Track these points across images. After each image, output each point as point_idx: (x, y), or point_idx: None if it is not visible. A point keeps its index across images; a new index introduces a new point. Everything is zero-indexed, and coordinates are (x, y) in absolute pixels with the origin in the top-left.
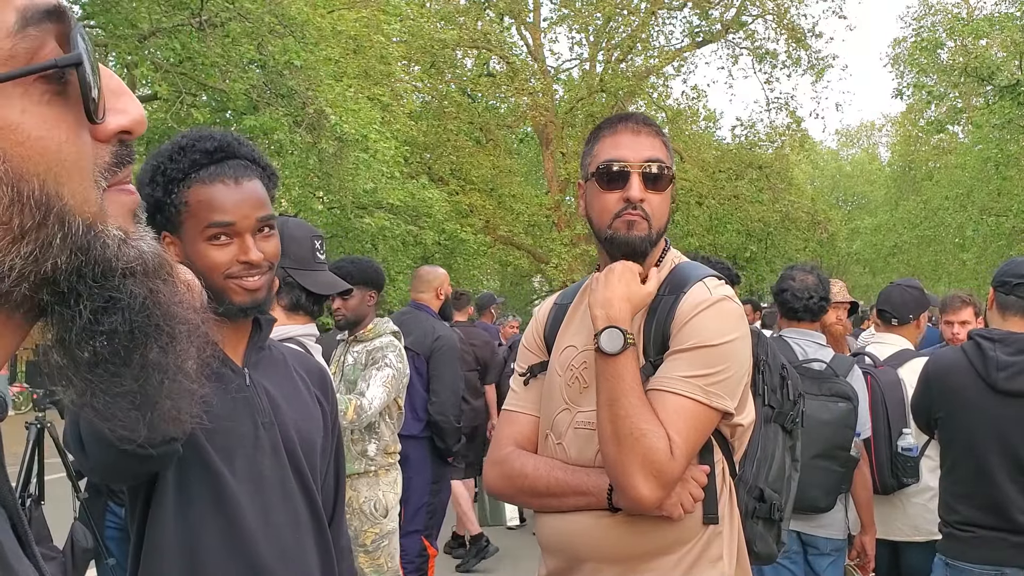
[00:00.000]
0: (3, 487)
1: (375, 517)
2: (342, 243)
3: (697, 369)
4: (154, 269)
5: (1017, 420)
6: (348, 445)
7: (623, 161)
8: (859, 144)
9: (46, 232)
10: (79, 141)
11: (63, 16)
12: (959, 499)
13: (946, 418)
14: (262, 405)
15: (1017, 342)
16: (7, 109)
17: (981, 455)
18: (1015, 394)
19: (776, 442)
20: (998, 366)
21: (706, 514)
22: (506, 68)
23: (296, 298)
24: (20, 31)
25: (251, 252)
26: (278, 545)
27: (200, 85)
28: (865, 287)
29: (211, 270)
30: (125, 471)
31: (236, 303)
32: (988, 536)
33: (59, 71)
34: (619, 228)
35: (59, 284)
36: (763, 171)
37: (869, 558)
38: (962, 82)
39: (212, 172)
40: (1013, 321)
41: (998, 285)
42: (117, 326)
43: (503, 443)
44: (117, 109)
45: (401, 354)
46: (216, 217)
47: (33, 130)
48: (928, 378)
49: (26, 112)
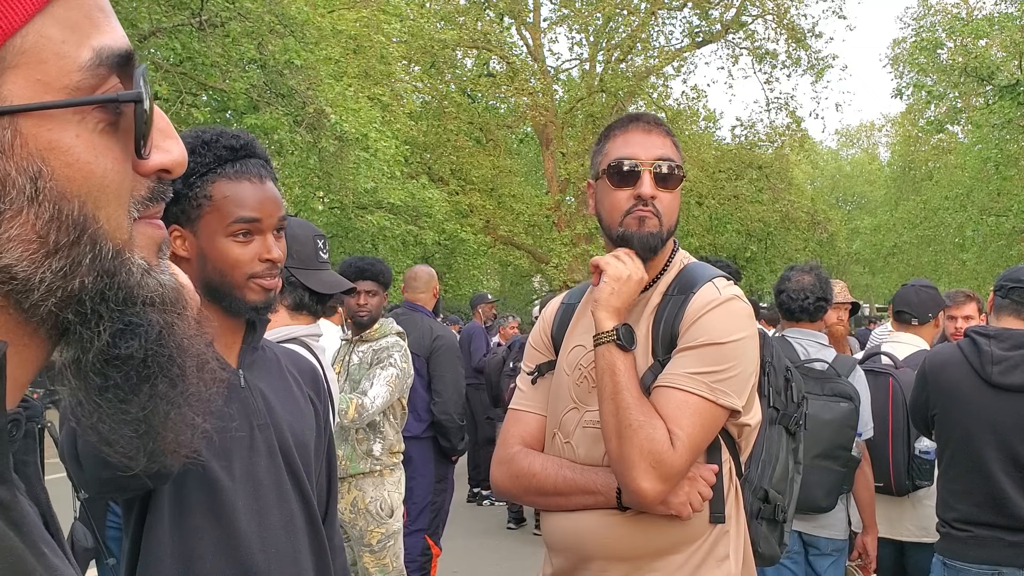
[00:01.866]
0: (37, 485)
1: (381, 517)
2: (342, 243)
3: (704, 366)
4: (172, 303)
5: (1012, 414)
6: (354, 445)
7: (634, 159)
8: (859, 144)
9: (78, 251)
10: (123, 171)
11: (131, 59)
12: (957, 496)
13: (942, 415)
14: (257, 406)
15: (1012, 337)
16: (62, 132)
17: (977, 451)
18: (1010, 388)
19: (780, 444)
20: (993, 360)
21: (713, 513)
22: (506, 68)
23: (299, 298)
24: (91, 67)
25: (274, 250)
26: (273, 547)
27: (200, 85)
28: (865, 287)
29: (233, 267)
30: (121, 487)
31: (250, 302)
32: (985, 536)
33: (116, 105)
34: (630, 225)
35: (83, 304)
36: (763, 171)
37: (871, 559)
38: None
39: (238, 169)
40: (1007, 320)
41: (996, 288)
42: (133, 352)
43: (510, 442)
44: (162, 148)
45: (406, 354)
46: (243, 213)
47: (83, 154)
48: (924, 375)
49: (79, 137)
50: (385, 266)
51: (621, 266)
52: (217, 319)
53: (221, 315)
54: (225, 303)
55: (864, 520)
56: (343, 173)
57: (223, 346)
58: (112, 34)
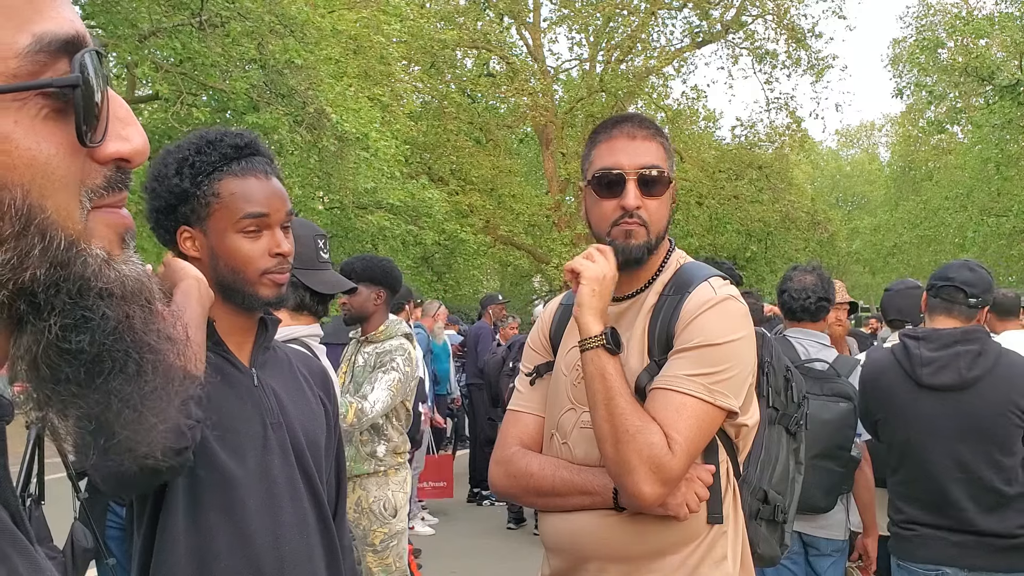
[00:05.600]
0: (5, 488)
1: (384, 517)
2: (342, 243)
3: (701, 368)
4: (132, 294)
5: (948, 415)
6: (357, 446)
7: (618, 168)
8: (859, 144)
9: (25, 242)
10: (70, 158)
11: (77, 44)
12: (904, 499)
13: (884, 419)
14: (270, 405)
15: (940, 338)
16: (0, 120)
17: (920, 454)
18: (940, 388)
19: (780, 444)
20: (922, 362)
21: (710, 514)
22: (506, 68)
23: (300, 298)
24: (30, 53)
25: (283, 244)
26: (287, 546)
27: (200, 85)
28: (865, 287)
29: (246, 263)
30: (137, 483)
31: (263, 297)
32: (929, 535)
33: (61, 91)
34: (617, 237)
35: (36, 296)
36: (763, 171)
37: (871, 560)
38: (962, 82)
39: (244, 166)
40: (939, 320)
41: (928, 288)
42: (84, 346)
43: (508, 442)
44: (121, 136)
45: (410, 357)
46: (252, 208)
47: (22, 140)
48: (863, 381)
49: (18, 124)
50: (380, 265)
51: (596, 267)
52: (230, 318)
53: (234, 314)
54: (238, 300)
55: (864, 521)
56: (343, 173)
57: (235, 345)
58: (57, 19)
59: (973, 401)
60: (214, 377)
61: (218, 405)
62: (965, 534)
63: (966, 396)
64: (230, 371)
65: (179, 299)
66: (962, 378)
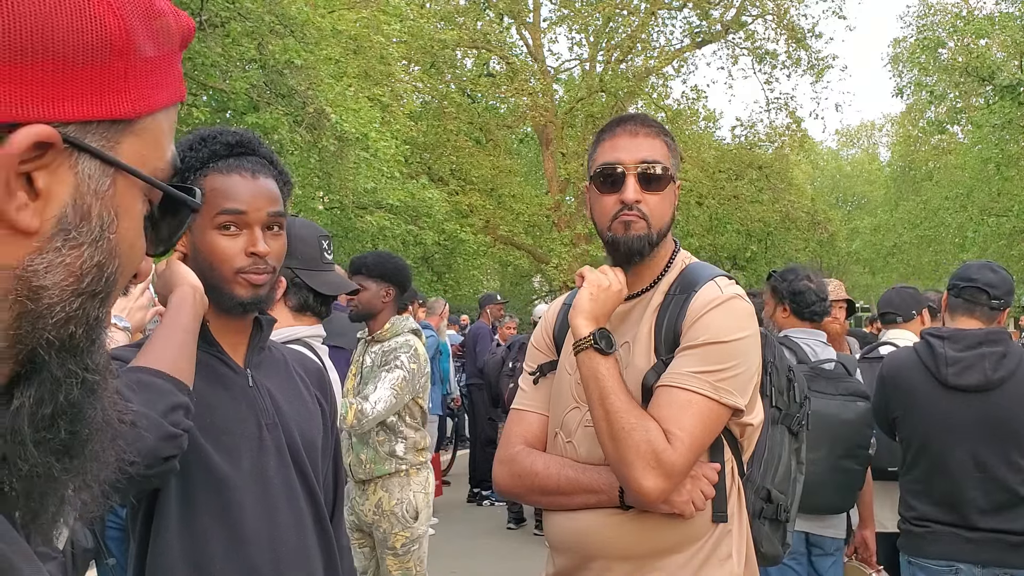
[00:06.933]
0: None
1: (406, 520)
2: (342, 243)
3: (707, 365)
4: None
5: (970, 415)
6: (376, 447)
7: (618, 164)
8: (859, 144)
9: (92, 305)
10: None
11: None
12: (917, 495)
13: (903, 417)
14: (265, 406)
15: (965, 338)
16: (135, 202)
17: (937, 452)
18: (964, 389)
19: (783, 444)
20: (947, 362)
21: (716, 512)
22: (506, 68)
23: (303, 299)
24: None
25: (259, 244)
26: (284, 547)
27: (200, 85)
28: (865, 287)
29: (222, 262)
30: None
31: (238, 296)
32: (942, 531)
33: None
34: (617, 230)
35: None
36: (763, 171)
37: (871, 552)
38: (962, 82)
39: (231, 164)
40: (961, 320)
41: (949, 288)
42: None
43: (512, 441)
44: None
45: (416, 354)
46: (228, 204)
47: (136, 226)
48: (883, 379)
49: (140, 215)
50: (391, 262)
51: (602, 277)
52: (224, 319)
53: (227, 315)
54: (214, 297)
55: (862, 514)
56: (343, 173)
57: (230, 346)
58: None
59: (998, 402)
60: (208, 378)
61: (212, 407)
62: (979, 531)
63: (991, 397)
64: (224, 372)
65: (173, 305)
66: (988, 379)
